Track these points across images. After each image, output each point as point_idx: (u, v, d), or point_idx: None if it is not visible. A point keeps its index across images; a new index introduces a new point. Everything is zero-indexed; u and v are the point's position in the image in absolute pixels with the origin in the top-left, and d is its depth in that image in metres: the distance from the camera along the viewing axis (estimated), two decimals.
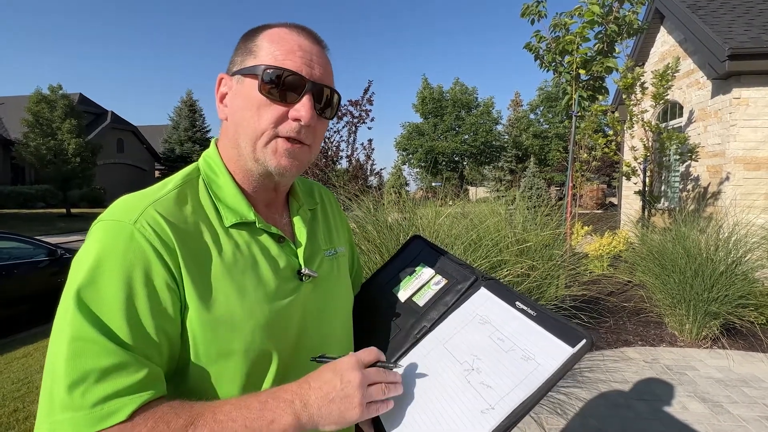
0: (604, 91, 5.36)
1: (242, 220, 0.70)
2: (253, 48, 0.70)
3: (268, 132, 0.68)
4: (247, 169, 0.72)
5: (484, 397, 0.64)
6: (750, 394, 3.10)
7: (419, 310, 0.86)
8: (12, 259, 5.36)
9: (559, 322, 0.69)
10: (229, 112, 0.71)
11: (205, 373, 0.65)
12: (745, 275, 3.91)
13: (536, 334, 0.69)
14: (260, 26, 0.73)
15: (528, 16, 5.31)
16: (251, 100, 0.68)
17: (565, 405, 2.90)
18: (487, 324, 0.75)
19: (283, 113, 0.68)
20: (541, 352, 0.66)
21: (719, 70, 5.95)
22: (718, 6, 6.90)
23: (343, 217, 0.97)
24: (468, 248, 3.14)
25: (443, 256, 0.95)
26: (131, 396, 0.55)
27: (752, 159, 6.02)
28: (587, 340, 0.64)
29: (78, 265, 0.60)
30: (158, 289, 0.60)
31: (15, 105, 24.11)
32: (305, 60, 0.69)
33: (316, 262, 0.78)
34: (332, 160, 9.15)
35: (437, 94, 35.03)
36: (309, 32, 0.72)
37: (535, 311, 0.72)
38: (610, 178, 24.01)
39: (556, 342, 0.66)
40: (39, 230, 14.13)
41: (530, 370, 0.64)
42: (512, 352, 0.68)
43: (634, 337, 4.16)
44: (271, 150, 0.68)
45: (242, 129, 0.69)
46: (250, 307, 0.66)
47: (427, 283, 0.90)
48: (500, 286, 0.82)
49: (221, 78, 0.73)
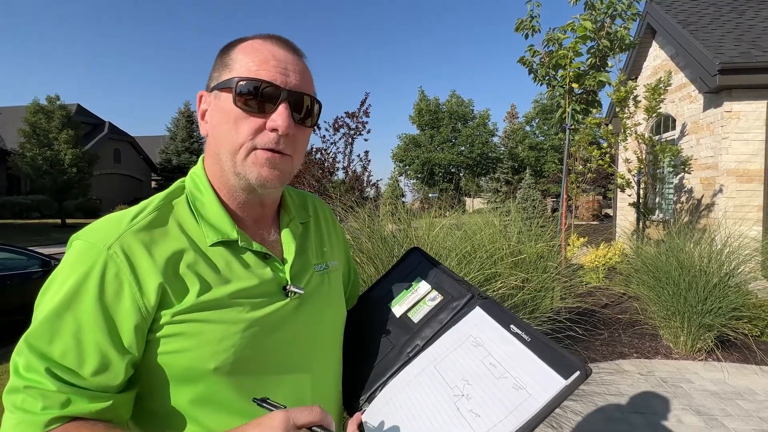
0: (598, 104, 5.42)
1: (224, 238, 0.69)
2: (228, 62, 0.70)
3: (247, 144, 0.67)
4: (231, 185, 0.72)
5: (472, 427, 0.63)
6: (745, 407, 3.09)
7: (413, 327, 0.86)
8: (5, 270, 5.32)
9: (554, 350, 0.68)
10: (209, 127, 0.71)
11: (180, 394, 0.65)
12: (738, 287, 3.93)
13: (529, 362, 0.67)
14: (236, 40, 0.73)
15: (522, 31, 5.40)
16: (228, 114, 0.67)
17: (560, 419, 2.89)
18: (480, 347, 0.74)
19: (261, 124, 0.67)
20: (533, 381, 0.64)
21: (710, 84, 6.04)
22: (709, 22, 7.03)
23: (339, 229, 0.95)
24: (462, 260, 3.14)
25: (440, 271, 0.94)
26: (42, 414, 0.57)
27: (744, 171, 6.09)
28: (581, 372, 0.62)
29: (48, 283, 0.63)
30: (119, 316, 0.61)
31: (12, 115, 24.12)
32: (279, 69, 0.68)
33: (305, 278, 0.77)
34: (329, 172, 9.19)
35: (434, 106, 35.30)
36: (284, 41, 0.72)
37: (529, 336, 0.71)
38: (605, 189, 24.15)
39: (549, 372, 0.64)
40: (34, 240, 14.03)
41: (521, 400, 0.63)
42: (504, 379, 0.67)
43: (629, 349, 4.16)
44: (251, 162, 0.67)
45: (221, 143, 0.69)
46: (228, 326, 0.65)
47: (422, 298, 0.90)
48: (496, 306, 0.82)
49: (201, 95, 0.73)
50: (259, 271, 0.71)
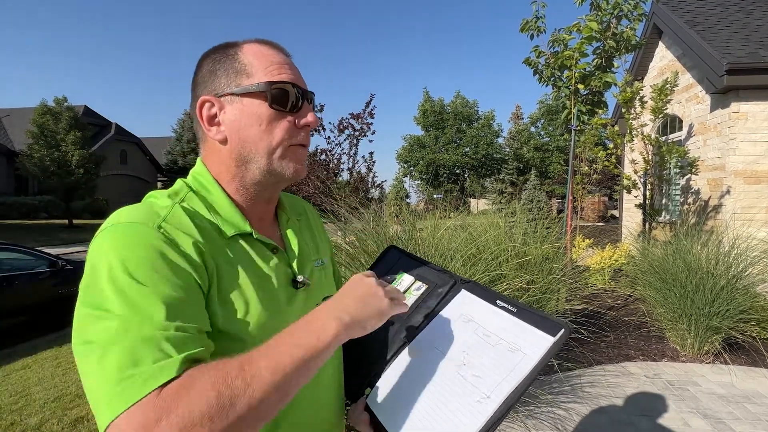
0: (603, 105, 5.40)
1: (240, 231, 0.72)
2: (240, 67, 0.72)
3: (285, 143, 0.73)
4: (245, 183, 0.74)
5: (478, 388, 0.68)
6: (753, 411, 3.06)
7: (403, 315, 0.88)
8: (13, 270, 5.37)
9: (538, 315, 0.73)
10: (230, 132, 0.72)
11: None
12: (746, 289, 3.89)
13: (519, 328, 0.73)
14: (228, 44, 0.75)
15: (527, 32, 5.38)
16: (259, 117, 0.71)
17: (566, 421, 2.87)
18: (472, 322, 0.80)
19: (293, 123, 0.73)
20: (525, 343, 0.70)
21: (717, 84, 5.99)
22: (716, 22, 6.98)
23: (324, 230, 1.01)
24: (467, 261, 3.14)
25: (420, 263, 0.98)
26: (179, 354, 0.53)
27: (752, 172, 6.03)
28: (565, 329, 0.69)
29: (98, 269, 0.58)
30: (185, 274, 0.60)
31: (20, 117, 24.38)
32: (293, 71, 0.75)
33: (307, 272, 0.81)
34: (333, 173, 9.21)
35: (438, 107, 35.29)
36: (278, 45, 0.77)
37: (515, 307, 0.77)
38: (611, 190, 24.02)
39: (537, 333, 0.70)
40: (41, 241, 14.17)
41: (518, 360, 0.69)
42: (499, 345, 0.72)
43: (636, 351, 4.13)
44: (289, 158, 0.74)
45: (253, 145, 0.72)
46: (255, 317, 0.68)
47: (408, 289, 0.94)
48: (479, 287, 0.86)
49: (205, 101, 0.73)
50: (271, 263, 0.75)
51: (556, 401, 3.10)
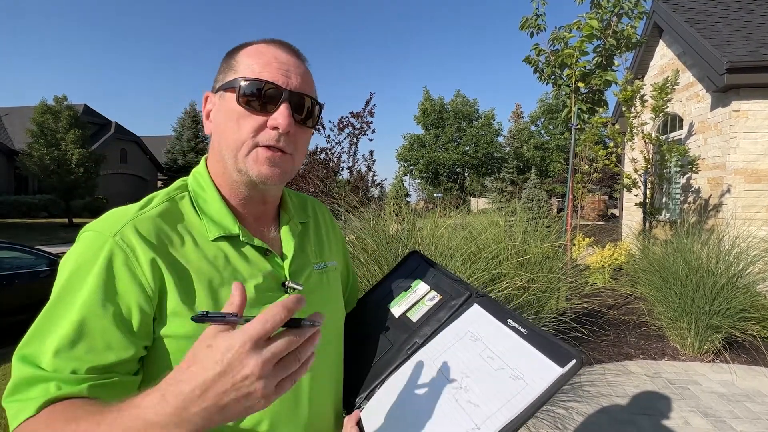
0: (604, 103, 5.39)
1: (226, 233, 0.71)
2: (233, 64, 0.73)
3: (248, 142, 0.70)
4: (233, 182, 0.74)
5: (471, 417, 0.65)
6: (753, 410, 3.06)
7: (412, 326, 0.87)
8: (13, 269, 5.36)
9: (550, 340, 0.69)
10: (213, 126, 0.74)
11: None
12: (746, 288, 3.89)
13: (526, 353, 0.69)
14: (241, 44, 0.76)
15: (527, 30, 5.36)
16: (231, 113, 0.70)
17: (565, 420, 2.87)
18: (478, 341, 0.76)
19: (262, 123, 0.69)
20: (530, 371, 0.66)
21: (718, 83, 5.98)
22: (717, 20, 6.96)
23: (338, 232, 0.98)
24: (467, 260, 3.13)
25: (439, 272, 0.96)
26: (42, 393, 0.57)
27: (753, 171, 6.02)
28: (577, 360, 0.63)
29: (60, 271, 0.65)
30: (125, 300, 0.62)
31: (20, 116, 24.35)
32: (282, 71, 0.71)
33: (304, 275, 0.79)
34: (333, 172, 9.21)
35: (438, 105, 35.25)
36: (287, 46, 0.75)
37: (526, 329, 0.72)
38: (611, 189, 24.01)
39: (545, 361, 0.66)
40: (41, 240, 14.15)
41: (518, 389, 0.64)
42: (501, 371, 0.68)
43: (636, 350, 4.13)
44: (252, 159, 0.70)
45: (224, 141, 0.72)
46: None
47: (421, 299, 0.92)
48: (493, 303, 0.83)
49: (206, 96, 0.76)
50: (259, 266, 0.73)
51: (556, 400, 3.10)
